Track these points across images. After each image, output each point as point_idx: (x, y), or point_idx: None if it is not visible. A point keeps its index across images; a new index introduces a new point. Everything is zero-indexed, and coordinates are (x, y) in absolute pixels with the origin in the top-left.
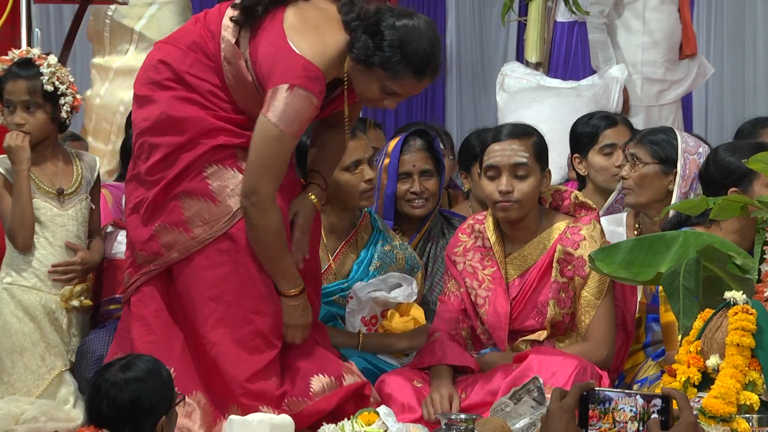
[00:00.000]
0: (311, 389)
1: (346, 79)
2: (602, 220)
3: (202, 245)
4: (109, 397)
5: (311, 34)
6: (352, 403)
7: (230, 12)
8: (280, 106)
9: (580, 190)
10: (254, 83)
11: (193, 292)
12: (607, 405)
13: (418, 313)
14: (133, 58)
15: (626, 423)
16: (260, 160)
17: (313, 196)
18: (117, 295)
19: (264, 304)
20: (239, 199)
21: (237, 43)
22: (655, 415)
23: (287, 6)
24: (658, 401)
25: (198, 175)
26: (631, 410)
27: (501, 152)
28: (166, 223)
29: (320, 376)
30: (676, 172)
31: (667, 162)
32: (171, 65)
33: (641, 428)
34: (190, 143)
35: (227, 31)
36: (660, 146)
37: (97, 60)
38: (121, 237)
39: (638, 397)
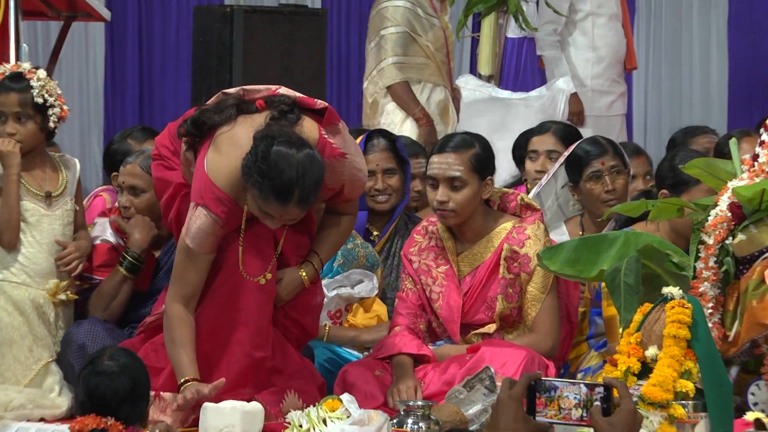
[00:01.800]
0: (282, 405)
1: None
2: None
3: None
4: (110, 385)
5: (223, 155)
6: None
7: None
8: (190, 224)
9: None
10: None
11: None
12: (552, 393)
13: (381, 309)
14: None
15: (570, 410)
16: (174, 271)
17: (304, 273)
18: (94, 277)
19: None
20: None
21: (188, 157)
22: (597, 403)
23: (219, 128)
24: (600, 390)
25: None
26: (576, 398)
27: (438, 165)
28: None
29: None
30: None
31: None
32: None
33: (584, 415)
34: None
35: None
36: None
37: None
38: (102, 223)
39: (582, 385)
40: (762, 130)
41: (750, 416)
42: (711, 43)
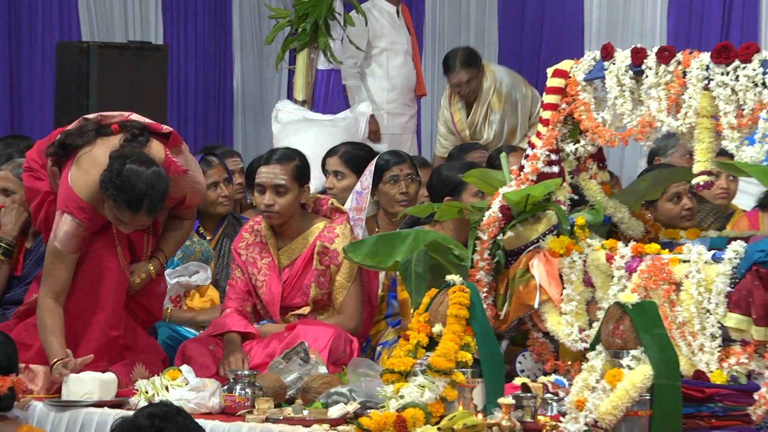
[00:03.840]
0: (131, 374)
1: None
2: None
3: None
4: None
5: (84, 172)
6: None
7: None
8: (57, 229)
9: None
10: None
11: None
12: None
13: (214, 294)
14: None
15: None
16: (45, 271)
17: (152, 267)
18: None
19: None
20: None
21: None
22: None
23: (81, 148)
24: None
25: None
26: None
27: (266, 174)
28: None
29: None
30: None
31: None
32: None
33: None
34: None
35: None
36: None
37: None
38: None
39: None
40: (527, 146)
41: (518, 381)
42: None
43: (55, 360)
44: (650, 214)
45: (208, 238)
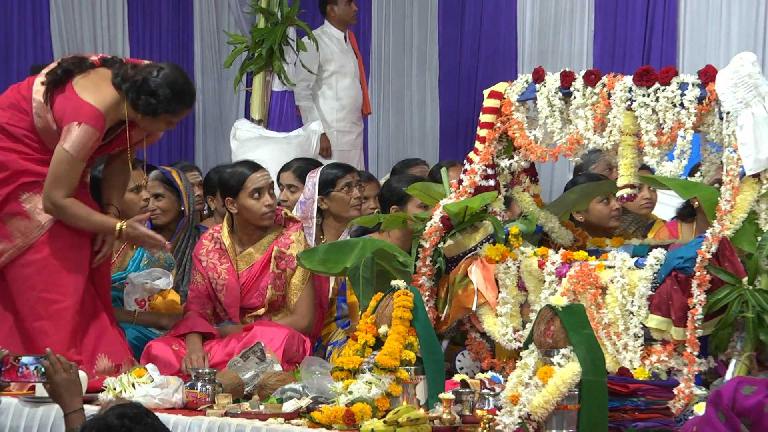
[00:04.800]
0: (95, 367)
1: (127, 123)
2: None
3: (20, 251)
4: None
5: (92, 88)
6: None
7: (38, 81)
8: (72, 138)
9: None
10: (57, 130)
11: (18, 284)
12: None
13: (176, 298)
14: None
15: None
16: (54, 177)
17: (119, 224)
18: None
19: (70, 287)
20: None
21: (45, 101)
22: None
23: (76, 75)
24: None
25: (15, 200)
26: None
27: (262, 177)
28: None
29: (105, 358)
30: None
31: None
32: None
33: None
34: (9, 178)
35: (38, 94)
36: None
37: None
38: None
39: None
40: (466, 161)
41: (457, 377)
42: (426, 96)
43: (119, 225)
44: (582, 216)
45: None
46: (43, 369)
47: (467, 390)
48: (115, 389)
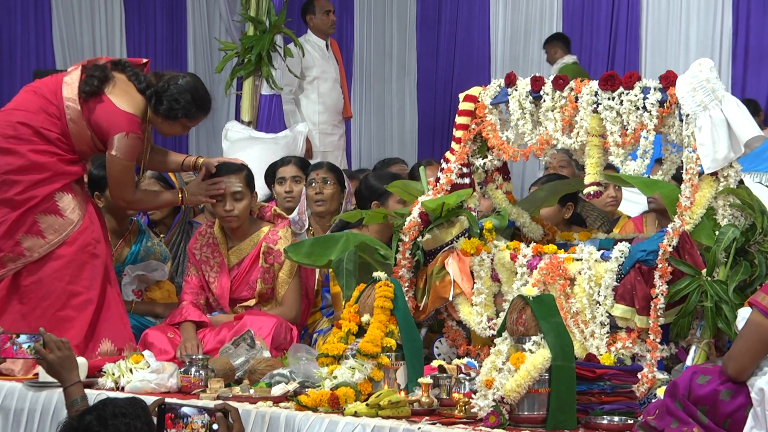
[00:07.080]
0: (98, 349)
1: (148, 124)
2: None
3: (53, 246)
4: None
5: (125, 97)
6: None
7: (68, 89)
8: (122, 147)
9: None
10: (91, 135)
11: (47, 276)
12: (186, 420)
13: (171, 288)
14: None
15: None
16: (117, 182)
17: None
18: None
19: (94, 281)
20: (78, 212)
21: (81, 110)
22: (215, 426)
23: (106, 84)
24: (219, 414)
25: (51, 200)
26: (202, 423)
27: (225, 182)
28: (27, 234)
29: (108, 342)
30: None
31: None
32: (29, 124)
33: None
34: (49, 179)
35: (74, 103)
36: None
37: None
38: None
39: (206, 414)
40: (442, 160)
41: (435, 363)
42: (405, 99)
43: (180, 194)
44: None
45: (162, 235)
46: (35, 348)
47: (444, 375)
48: (113, 374)
